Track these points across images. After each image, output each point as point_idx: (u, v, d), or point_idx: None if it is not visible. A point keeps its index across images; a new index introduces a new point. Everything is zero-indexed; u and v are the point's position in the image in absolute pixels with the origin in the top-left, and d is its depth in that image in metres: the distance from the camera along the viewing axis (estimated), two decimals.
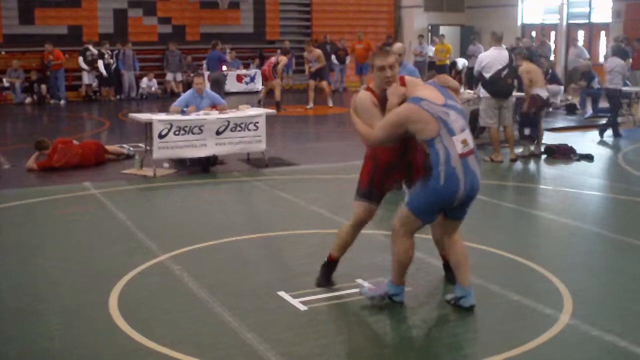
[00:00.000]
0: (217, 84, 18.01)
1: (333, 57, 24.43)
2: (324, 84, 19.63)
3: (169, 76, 22.69)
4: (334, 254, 5.99)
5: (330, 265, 6.01)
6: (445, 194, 5.24)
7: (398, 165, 5.66)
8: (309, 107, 19.25)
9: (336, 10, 26.66)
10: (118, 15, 23.48)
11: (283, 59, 19.03)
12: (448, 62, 23.80)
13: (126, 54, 21.81)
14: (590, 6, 24.30)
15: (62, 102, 20.90)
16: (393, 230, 5.48)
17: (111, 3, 23.34)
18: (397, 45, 9.59)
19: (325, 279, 5.99)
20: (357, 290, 5.83)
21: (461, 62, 24.25)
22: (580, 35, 24.59)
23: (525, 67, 12.30)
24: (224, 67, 19.88)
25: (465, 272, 5.49)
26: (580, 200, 9.63)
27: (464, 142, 5.26)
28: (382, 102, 5.49)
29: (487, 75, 11.62)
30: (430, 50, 24.03)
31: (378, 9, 27.60)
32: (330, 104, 19.41)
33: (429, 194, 5.25)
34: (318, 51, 19.84)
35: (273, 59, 19.06)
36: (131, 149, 12.32)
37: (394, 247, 5.48)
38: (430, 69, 21.05)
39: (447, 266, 6.08)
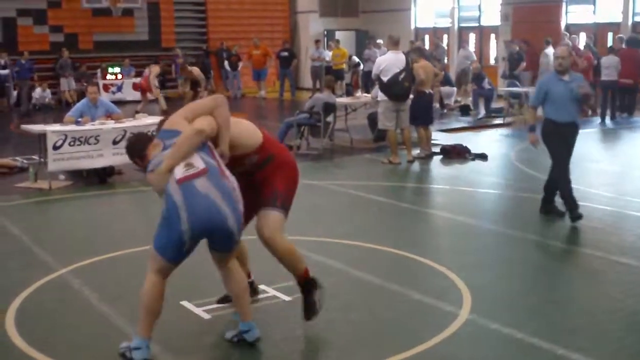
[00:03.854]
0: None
1: (226, 63, 24.37)
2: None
3: (64, 85, 22.10)
4: (304, 274, 5.32)
5: (309, 284, 5.32)
6: (171, 229, 4.59)
7: None
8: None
9: (232, 17, 26.55)
10: (7, 24, 22.77)
11: (155, 69, 18.90)
12: (344, 66, 24.08)
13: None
14: (479, 10, 25.02)
15: None
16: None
17: None
18: (563, 49, 8.55)
19: (314, 307, 5.29)
20: (261, 296, 5.84)
21: (356, 60, 24.59)
22: (472, 38, 25.27)
23: (422, 63, 12.54)
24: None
25: (246, 305, 4.96)
26: (476, 199, 9.90)
27: (188, 164, 4.58)
28: None
29: (384, 78, 11.79)
30: (328, 55, 24.25)
31: (273, 14, 27.64)
32: None
33: (164, 225, 4.64)
34: (196, 70, 19.51)
35: (147, 71, 18.97)
36: (25, 161, 11.97)
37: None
38: (328, 73, 21.25)
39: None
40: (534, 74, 21.03)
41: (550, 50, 19.45)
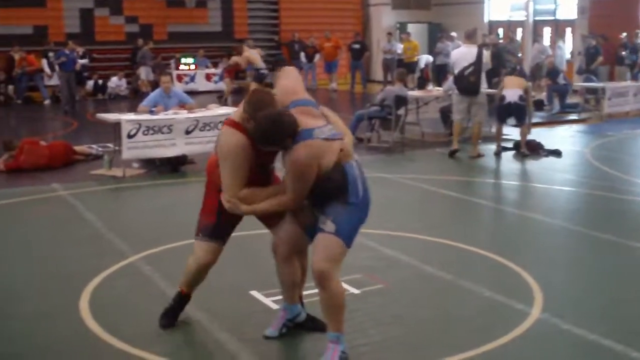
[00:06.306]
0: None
1: (302, 55, 24.42)
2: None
3: (143, 73, 22.37)
4: (185, 289, 5.22)
5: (183, 299, 5.23)
6: (366, 207, 4.51)
7: None
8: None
9: (304, 9, 26.61)
10: (84, 15, 23.28)
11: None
12: (416, 59, 23.88)
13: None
14: (555, 3, 24.54)
15: (47, 101, 20.76)
16: (320, 274, 4.42)
17: (77, 2, 23.09)
18: None
19: (173, 317, 5.23)
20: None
21: (424, 60, 24.37)
22: (547, 31, 24.81)
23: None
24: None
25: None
26: (549, 196, 9.72)
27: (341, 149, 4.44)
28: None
29: (455, 71, 11.84)
30: (399, 48, 24.10)
31: (345, 7, 27.62)
32: None
33: (354, 212, 4.45)
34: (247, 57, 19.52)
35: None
36: (100, 149, 12.21)
37: (328, 292, 4.46)
38: (399, 66, 21.14)
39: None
40: (611, 69, 20.62)
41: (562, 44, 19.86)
